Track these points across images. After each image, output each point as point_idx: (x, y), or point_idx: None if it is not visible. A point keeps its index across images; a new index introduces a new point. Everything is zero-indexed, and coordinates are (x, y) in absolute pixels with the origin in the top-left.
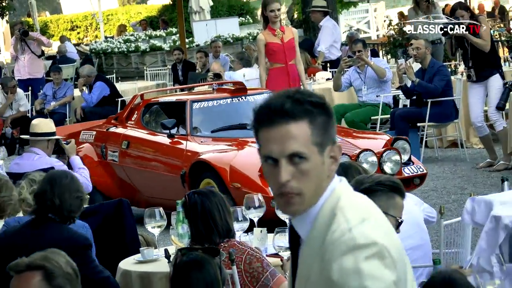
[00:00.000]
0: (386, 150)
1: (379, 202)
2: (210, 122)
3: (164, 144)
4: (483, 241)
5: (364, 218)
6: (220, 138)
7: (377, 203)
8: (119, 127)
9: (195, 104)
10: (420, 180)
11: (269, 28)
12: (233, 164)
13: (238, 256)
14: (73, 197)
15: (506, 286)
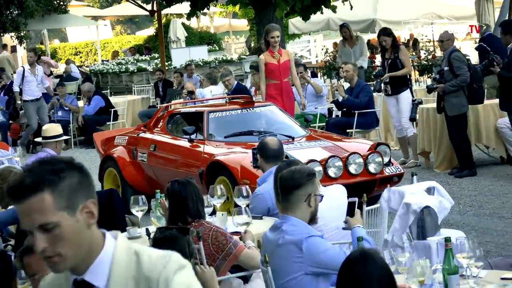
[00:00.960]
0: (370, 153)
1: (310, 187)
2: (223, 129)
3: (185, 147)
4: (397, 223)
5: (164, 252)
6: (231, 142)
7: (311, 187)
8: (148, 133)
9: (211, 114)
10: (398, 178)
11: (269, 51)
12: (243, 164)
13: (205, 233)
14: None
15: (414, 257)
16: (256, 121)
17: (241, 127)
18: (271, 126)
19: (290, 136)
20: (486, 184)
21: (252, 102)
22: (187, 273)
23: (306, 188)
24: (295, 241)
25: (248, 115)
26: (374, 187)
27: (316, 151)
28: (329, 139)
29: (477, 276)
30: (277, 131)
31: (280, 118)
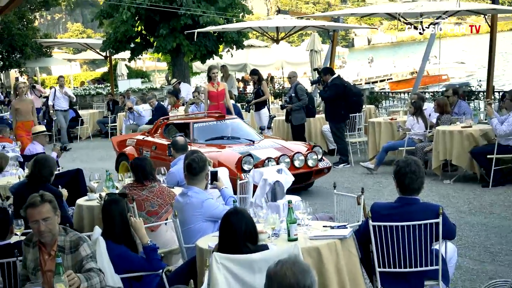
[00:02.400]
0: (309, 152)
1: (207, 168)
2: (204, 135)
3: None
4: (258, 191)
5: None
6: (210, 144)
7: (207, 168)
8: (150, 137)
9: (195, 124)
10: (327, 170)
11: (211, 83)
12: (219, 159)
13: (157, 189)
14: (46, 170)
15: (269, 213)
16: (226, 129)
17: (216, 133)
18: (236, 133)
19: (251, 140)
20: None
21: (223, 116)
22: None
23: (205, 169)
24: (197, 202)
25: (220, 125)
26: (311, 176)
27: (271, 151)
28: (278, 142)
29: (308, 224)
30: (241, 136)
31: (243, 127)
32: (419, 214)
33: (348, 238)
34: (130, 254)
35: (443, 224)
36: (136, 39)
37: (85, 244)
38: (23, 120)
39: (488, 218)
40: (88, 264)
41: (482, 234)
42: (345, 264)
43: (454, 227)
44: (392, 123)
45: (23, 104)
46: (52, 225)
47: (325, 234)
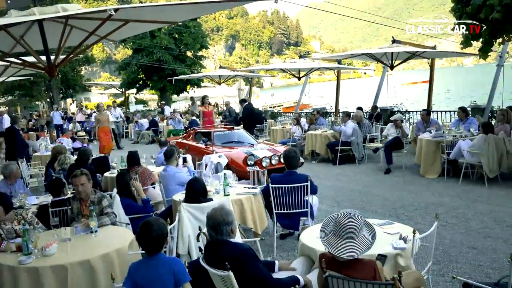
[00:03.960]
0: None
1: (178, 153)
2: (220, 139)
3: (202, 148)
4: (208, 168)
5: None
6: (224, 146)
7: (178, 153)
8: (185, 140)
9: (215, 132)
10: (301, 164)
11: (204, 106)
12: (232, 157)
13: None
14: (85, 156)
15: (213, 180)
16: (234, 136)
17: (228, 139)
18: (241, 138)
19: (252, 144)
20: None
21: (232, 127)
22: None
23: (174, 155)
24: (172, 174)
25: (231, 133)
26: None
27: (265, 152)
28: (268, 145)
29: (235, 186)
30: (245, 141)
31: (245, 135)
32: (297, 180)
33: (257, 194)
34: (134, 203)
35: (310, 186)
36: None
37: (105, 199)
38: (102, 126)
39: (335, 182)
40: (106, 209)
41: (331, 191)
42: (256, 208)
43: (316, 187)
44: (283, 129)
45: (102, 116)
46: (86, 188)
47: (245, 191)
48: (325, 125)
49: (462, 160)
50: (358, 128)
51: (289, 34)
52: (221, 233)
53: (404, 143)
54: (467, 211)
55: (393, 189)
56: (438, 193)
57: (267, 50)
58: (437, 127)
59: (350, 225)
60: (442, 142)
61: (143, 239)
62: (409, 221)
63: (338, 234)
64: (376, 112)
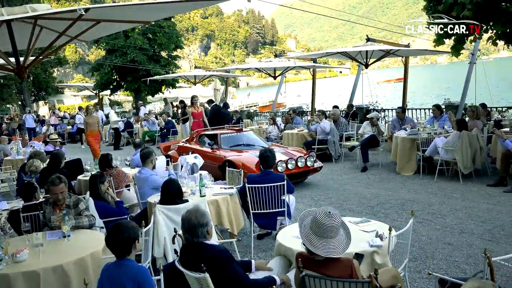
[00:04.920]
0: (307, 156)
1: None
2: (228, 142)
3: (208, 151)
4: (183, 169)
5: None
6: (234, 149)
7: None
8: (188, 144)
9: (222, 135)
10: (320, 168)
11: (193, 106)
12: (243, 162)
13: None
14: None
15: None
16: (243, 139)
17: (236, 141)
18: (251, 141)
19: (263, 147)
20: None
21: (241, 129)
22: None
23: (150, 157)
24: (145, 177)
25: (239, 136)
26: (309, 173)
27: (279, 155)
28: (282, 148)
29: (211, 187)
30: (255, 143)
31: (255, 137)
32: (274, 180)
33: (234, 194)
34: (108, 206)
35: (287, 185)
36: (113, 83)
37: (82, 202)
38: (91, 130)
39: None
40: (85, 212)
41: (308, 190)
42: (232, 209)
43: (293, 186)
44: (260, 129)
45: (92, 119)
46: (64, 194)
47: (221, 192)
48: (301, 124)
49: (437, 157)
50: (334, 127)
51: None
52: (197, 235)
53: (380, 141)
54: (442, 207)
55: (370, 187)
56: (414, 190)
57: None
58: (412, 124)
59: (330, 224)
60: (417, 139)
61: (111, 241)
62: (386, 219)
63: (317, 233)
64: (352, 111)
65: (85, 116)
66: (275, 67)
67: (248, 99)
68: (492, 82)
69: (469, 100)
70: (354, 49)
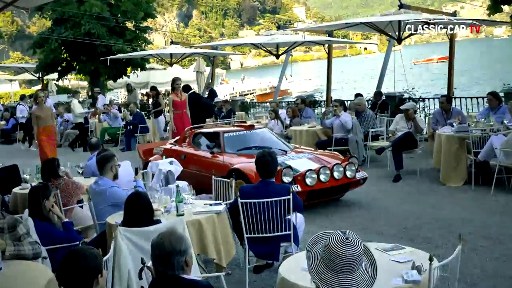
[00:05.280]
0: (348, 163)
1: (113, 162)
2: (234, 145)
3: (207, 157)
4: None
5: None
6: (243, 154)
7: (113, 162)
8: (178, 146)
9: (226, 134)
10: (363, 181)
11: (174, 93)
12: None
13: (65, 183)
14: None
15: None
16: (256, 139)
17: (246, 143)
18: (266, 143)
19: (284, 150)
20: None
21: (252, 125)
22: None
23: (111, 163)
24: (103, 189)
25: (250, 135)
26: (348, 188)
27: (307, 162)
28: (310, 152)
29: (192, 203)
30: (272, 146)
31: (272, 137)
32: (275, 193)
33: (222, 212)
34: (53, 229)
35: (293, 200)
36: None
37: (21, 225)
38: (44, 126)
39: None
40: (26, 239)
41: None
42: (220, 231)
43: (301, 201)
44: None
45: (44, 111)
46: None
47: (205, 210)
48: (313, 118)
49: (494, 162)
50: (357, 122)
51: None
52: (171, 266)
53: (418, 140)
54: (502, 229)
55: (405, 202)
56: (463, 207)
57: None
58: (461, 118)
59: (348, 254)
60: (467, 138)
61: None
62: (426, 245)
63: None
64: (381, 100)
65: (33, 107)
66: (278, 42)
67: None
68: None
69: None
70: (383, 18)
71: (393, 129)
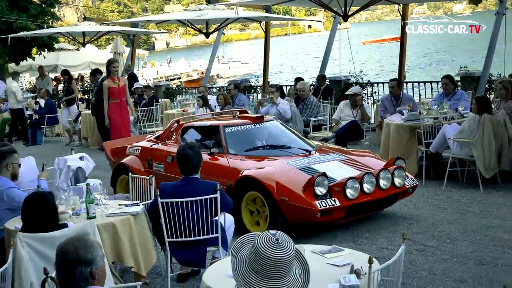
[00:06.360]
0: (396, 168)
1: (10, 159)
2: (241, 143)
3: (205, 160)
4: (62, 176)
5: None
6: (252, 156)
7: (10, 159)
8: (161, 144)
9: (227, 128)
10: (413, 190)
11: (110, 78)
12: (279, 181)
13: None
14: None
15: (71, 195)
16: (268, 135)
17: (256, 141)
18: (282, 140)
19: (306, 150)
20: None
21: (261, 117)
22: None
23: (7, 159)
24: (3, 189)
25: (260, 130)
26: (396, 199)
27: (340, 166)
28: (337, 152)
29: (105, 204)
30: (291, 144)
31: (286, 133)
32: (200, 191)
33: (140, 214)
34: None
35: (221, 198)
36: None
37: None
38: None
39: None
40: None
41: None
42: (137, 236)
43: (230, 200)
44: (184, 114)
45: None
46: None
47: (120, 211)
48: (247, 105)
49: (447, 153)
50: (297, 110)
51: None
52: (73, 278)
53: (364, 130)
54: (453, 227)
55: None
56: (412, 203)
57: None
58: (412, 105)
59: (277, 257)
60: (418, 127)
61: None
62: (370, 246)
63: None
64: (324, 85)
65: None
66: (208, 19)
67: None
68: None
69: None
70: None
71: (337, 118)
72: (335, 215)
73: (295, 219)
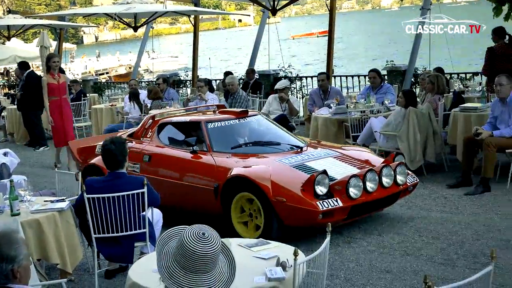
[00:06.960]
0: (399, 164)
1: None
2: (226, 140)
3: (187, 158)
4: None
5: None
6: (239, 153)
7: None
8: (135, 143)
9: (209, 124)
10: (413, 188)
11: (50, 73)
12: (275, 180)
13: None
14: None
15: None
16: (254, 131)
17: (241, 138)
18: (270, 136)
19: (298, 146)
20: None
21: (245, 111)
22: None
23: None
24: None
25: (245, 125)
26: (397, 198)
27: (336, 163)
28: (330, 148)
29: (30, 200)
30: (280, 140)
31: (272, 128)
32: (127, 186)
33: (65, 210)
34: None
35: (148, 193)
36: None
37: None
38: None
39: None
40: None
41: None
42: (63, 232)
43: (157, 195)
44: (112, 108)
45: None
46: None
47: (45, 208)
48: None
49: (374, 146)
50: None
51: None
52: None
53: (293, 124)
54: (378, 220)
55: None
56: None
57: None
58: (339, 99)
59: (203, 251)
60: (346, 120)
61: None
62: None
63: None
64: (254, 80)
65: None
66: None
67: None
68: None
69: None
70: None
71: (266, 112)
72: (337, 217)
73: (293, 222)
